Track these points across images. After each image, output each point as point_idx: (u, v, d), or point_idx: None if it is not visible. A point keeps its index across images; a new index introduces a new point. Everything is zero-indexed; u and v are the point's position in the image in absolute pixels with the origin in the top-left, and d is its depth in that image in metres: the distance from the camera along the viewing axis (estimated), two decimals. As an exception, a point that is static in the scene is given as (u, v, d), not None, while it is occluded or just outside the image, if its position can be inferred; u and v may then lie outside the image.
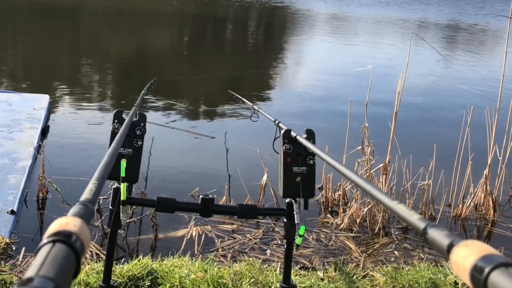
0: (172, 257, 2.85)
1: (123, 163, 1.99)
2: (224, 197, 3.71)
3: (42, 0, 15.79)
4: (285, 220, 2.13)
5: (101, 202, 3.48)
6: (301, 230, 2.01)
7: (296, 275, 2.75)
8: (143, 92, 2.82)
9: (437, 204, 3.83)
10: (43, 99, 5.61)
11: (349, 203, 3.69)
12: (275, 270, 2.77)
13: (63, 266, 0.54)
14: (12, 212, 3.23)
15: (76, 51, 10.00)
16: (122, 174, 1.98)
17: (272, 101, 7.39)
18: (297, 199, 2.07)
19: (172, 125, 5.54)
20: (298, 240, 2.05)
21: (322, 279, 2.74)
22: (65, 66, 8.90)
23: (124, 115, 2.10)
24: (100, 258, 2.82)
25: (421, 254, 3.27)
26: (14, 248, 2.93)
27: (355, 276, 2.82)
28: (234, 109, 6.46)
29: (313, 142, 2.06)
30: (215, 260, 2.88)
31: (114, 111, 2.14)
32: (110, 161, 1.07)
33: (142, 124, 2.10)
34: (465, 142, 3.84)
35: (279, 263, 2.88)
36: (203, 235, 3.28)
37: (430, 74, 9.39)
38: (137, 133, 2.08)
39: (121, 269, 2.57)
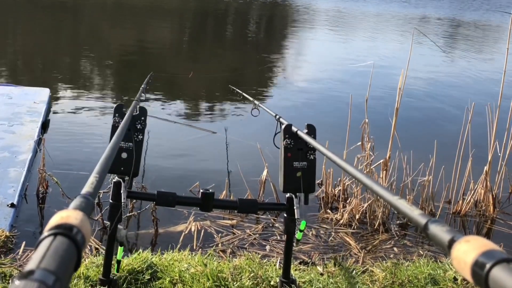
0: (171, 251, 2.85)
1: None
2: (224, 192, 3.71)
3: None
4: (285, 215, 2.14)
5: (101, 196, 3.48)
6: (302, 225, 2.02)
7: (295, 270, 2.75)
8: (142, 86, 2.82)
9: (437, 201, 3.83)
10: (44, 93, 5.60)
11: (349, 199, 3.69)
12: (274, 265, 2.77)
13: (64, 259, 0.54)
14: (12, 205, 3.23)
15: (76, 44, 9.99)
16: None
17: (273, 96, 7.39)
18: (297, 194, 2.08)
19: (173, 120, 5.54)
20: (298, 235, 2.06)
21: (322, 274, 2.74)
22: (65, 60, 8.89)
23: (125, 109, 2.10)
24: (99, 252, 2.82)
25: (420, 251, 3.27)
26: (14, 241, 2.93)
27: (354, 271, 2.82)
28: (235, 104, 6.45)
29: (314, 137, 2.06)
30: (215, 255, 2.89)
31: (115, 105, 2.14)
32: (111, 154, 1.07)
33: (143, 118, 2.10)
34: (466, 138, 3.84)
35: (279, 258, 2.88)
36: (203, 230, 3.29)
37: (432, 70, 9.37)
38: (138, 127, 2.08)
39: (121, 263, 2.57)
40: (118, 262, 2.18)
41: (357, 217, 3.55)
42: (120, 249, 2.11)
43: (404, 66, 3.62)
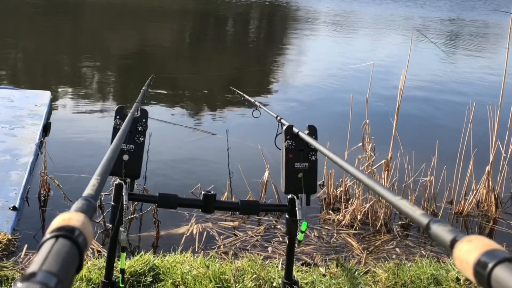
0: (173, 253, 2.85)
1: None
2: (226, 194, 3.70)
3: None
4: (287, 216, 2.13)
5: (103, 199, 3.48)
6: (303, 226, 2.01)
7: (298, 271, 2.75)
8: (144, 88, 2.82)
9: (439, 201, 3.82)
10: (45, 96, 5.61)
11: (351, 200, 3.69)
12: (277, 266, 2.77)
13: (66, 261, 0.54)
14: (14, 208, 3.23)
15: (77, 47, 10.00)
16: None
17: (274, 97, 7.39)
18: (299, 195, 2.07)
19: (173, 121, 5.54)
20: (300, 236, 2.05)
21: (324, 275, 2.74)
22: (66, 63, 8.90)
23: (126, 111, 2.10)
24: (101, 255, 2.82)
25: (422, 251, 3.27)
26: (16, 244, 2.93)
27: (357, 272, 2.82)
28: (236, 105, 6.45)
29: (315, 138, 2.05)
30: (217, 257, 2.88)
31: (116, 107, 2.13)
32: (112, 157, 1.07)
33: (144, 120, 2.09)
34: (467, 138, 3.83)
35: (281, 260, 2.88)
36: (204, 232, 3.28)
37: (432, 70, 9.37)
38: (139, 129, 2.07)
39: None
40: (122, 271, 2.17)
41: (359, 218, 3.55)
42: (123, 256, 2.10)
43: (404, 66, 3.62)
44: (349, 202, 3.67)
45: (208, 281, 2.47)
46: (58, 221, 0.61)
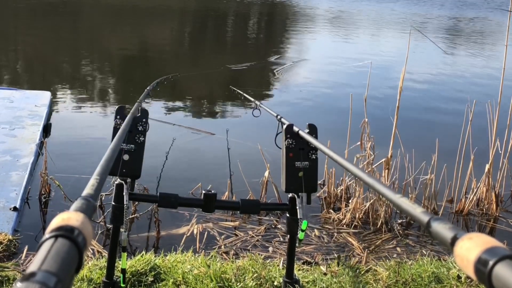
0: (174, 253, 2.85)
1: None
2: (226, 194, 3.70)
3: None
4: (287, 215, 2.13)
5: (103, 199, 3.48)
6: (303, 225, 2.01)
7: (299, 270, 2.75)
8: (148, 88, 2.81)
9: (440, 199, 3.82)
10: (45, 96, 5.61)
11: (351, 198, 3.68)
12: (278, 265, 2.77)
13: (65, 260, 0.54)
14: (14, 208, 3.23)
15: (77, 47, 9.99)
16: None
17: (274, 96, 7.38)
18: (299, 194, 2.07)
19: (173, 121, 5.53)
20: (300, 235, 2.05)
21: (325, 274, 2.74)
22: (66, 63, 8.90)
23: (126, 111, 2.10)
24: (102, 255, 2.82)
25: (423, 250, 3.26)
26: (17, 245, 2.93)
27: (358, 270, 2.81)
28: (236, 105, 6.45)
29: (316, 137, 2.05)
30: (218, 256, 2.88)
31: (117, 107, 2.13)
32: (111, 156, 1.07)
33: (144, 119, 2.09)
34: (467, 136, 3.83)
35: (282, 259, 2.88)
36: (205, 232, 3.28)
37: (432, 68, 9.37)
38: (139, 129, 2.07)
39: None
40: (123, 271, 2.17)
41: (359, 216, 3.54)
42: (123, 256, 2.10)
43: (403, 65, 3.62)
44: (350, 201, 3.66)
45: (209, 280, 2.47)
46: (57, 220, 0.61)
